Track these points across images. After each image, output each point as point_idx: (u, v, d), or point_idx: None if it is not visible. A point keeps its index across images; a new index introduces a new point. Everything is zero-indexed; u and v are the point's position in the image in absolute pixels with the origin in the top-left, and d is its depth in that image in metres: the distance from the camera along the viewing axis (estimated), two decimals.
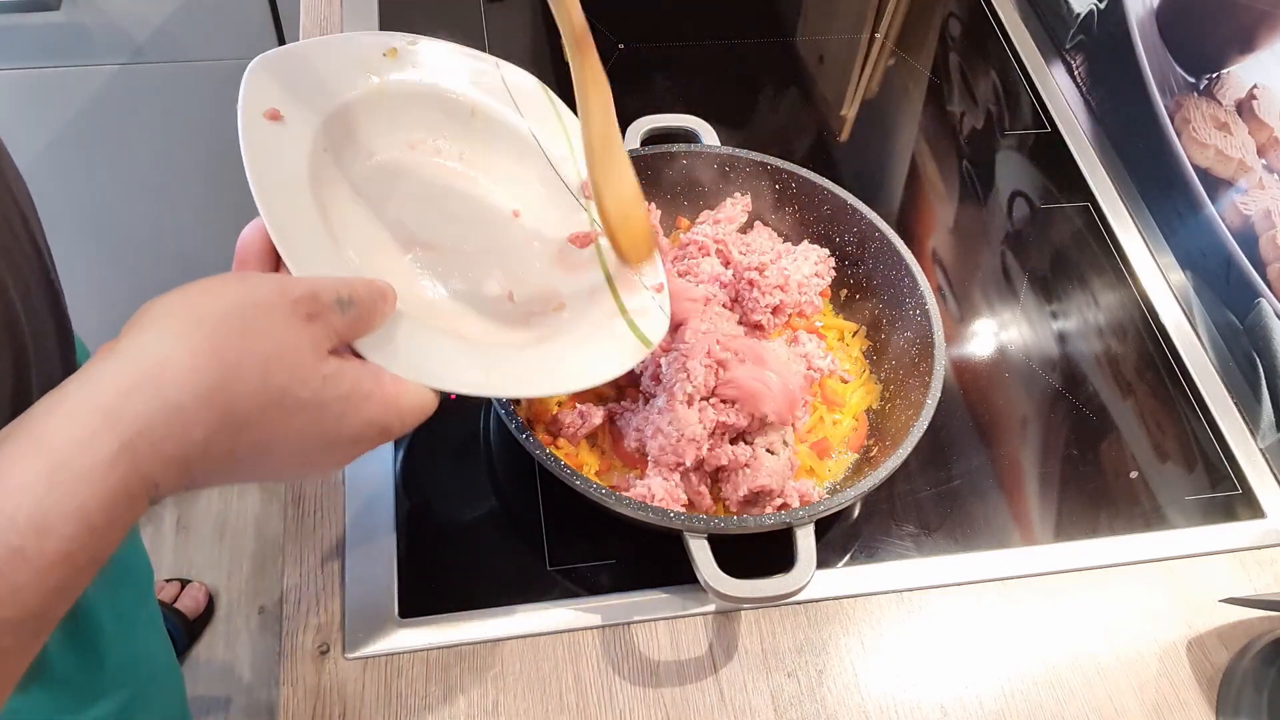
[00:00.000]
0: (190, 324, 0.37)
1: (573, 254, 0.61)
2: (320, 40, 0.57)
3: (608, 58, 0.99)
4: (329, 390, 0.39)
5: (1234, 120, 0.81)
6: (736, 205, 0.79)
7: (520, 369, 0.51)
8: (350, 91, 0.55)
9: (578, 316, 0.57)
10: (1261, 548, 0.73)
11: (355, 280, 0.42)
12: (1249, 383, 0.80)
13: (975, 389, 0.80)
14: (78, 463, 0.33)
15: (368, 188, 0.55)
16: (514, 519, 0.68)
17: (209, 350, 0.36)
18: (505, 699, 0.61)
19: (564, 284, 0.60)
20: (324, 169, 0.51)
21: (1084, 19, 0.98)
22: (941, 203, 0.93)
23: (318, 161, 0.51)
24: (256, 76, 0.50)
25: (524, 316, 0.56)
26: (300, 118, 0.51)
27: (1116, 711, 0.64)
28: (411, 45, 0.60)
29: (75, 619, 0.36)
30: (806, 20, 1.09)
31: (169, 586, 1.47)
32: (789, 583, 0.58)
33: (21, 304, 0.51)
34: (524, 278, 0.59)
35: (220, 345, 0.37)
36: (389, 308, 0.44)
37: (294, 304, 0.39)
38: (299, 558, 0.65)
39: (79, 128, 1.25)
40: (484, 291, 0.56)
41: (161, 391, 0.35)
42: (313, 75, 0.53)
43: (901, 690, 0.64)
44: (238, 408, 0.37)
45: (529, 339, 0.54)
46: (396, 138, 0.58)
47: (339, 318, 0.41)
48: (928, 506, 0.72)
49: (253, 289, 0.39)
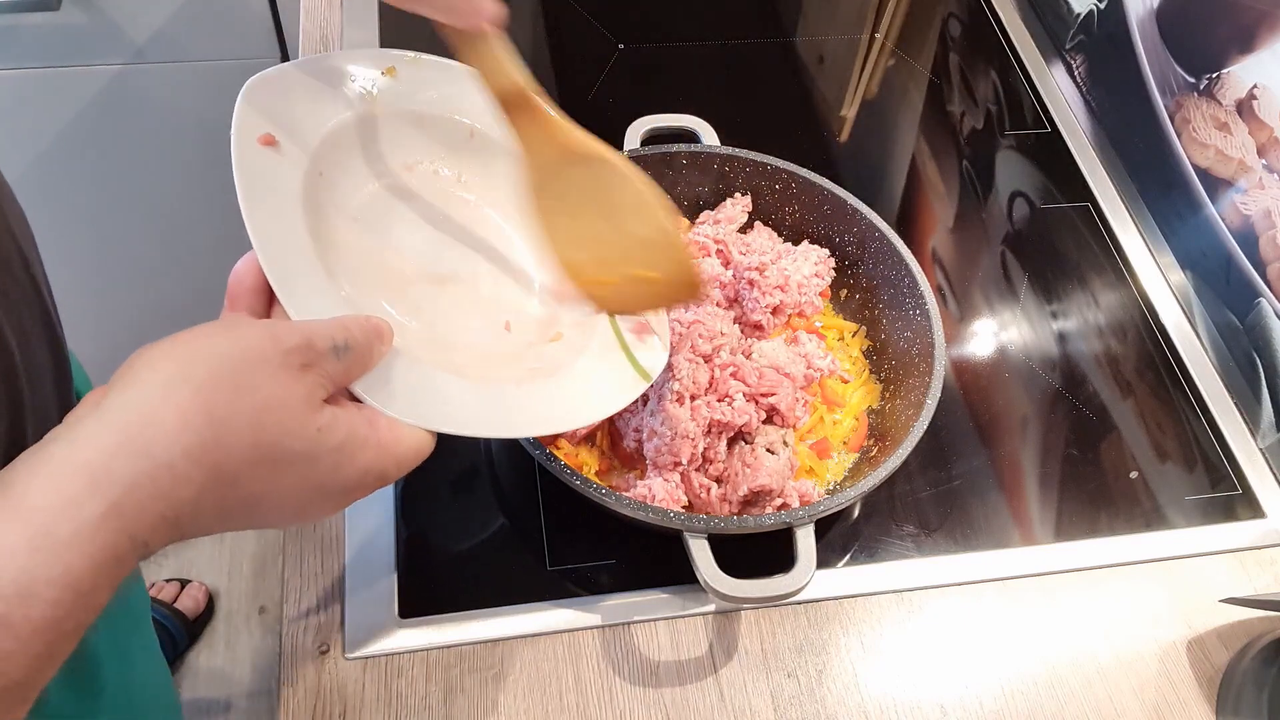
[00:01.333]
0: (178, 379, 0.36)
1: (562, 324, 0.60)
2: (316, 58, 0.55)
3: (608, 58, 0.99)
4: (323, 442, 0.38)
5: (1234, 120, 0.81)
6: (736, 205, 0.79)
7: (517, 408, 0.50)
8: (347, 112, 0.54)
9: (575, 349, 0.56)
10: (1261, 548, 0.73)
11: (350, 323, 0.41)
12: (1249, 383, 0.80)
13: (975, 389, 0.80)
14: (63, 527, 0.32)
15: (365, 214, 0.54)
16: (514, 519, 0.68)
17: (198, 407, 0.35)
18: (505, 699, 0.61)
19: (561, 312, 0.59)
20: (320, 197, 0.50)
21: (1084, 19, 0.98)
22: (941, 203, 0.93)
23: (313, 189, 0.50)
24: (250, 100, 0.49)
25: (522, 348, 0.55)
26: (295, 143, 0.50)
27: (1116, 711, 0.64)
28: (412, 63, 0.58)
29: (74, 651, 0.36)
30: (806, 20, 1.09)
31: (169, 587, 1.47)
32: (789, 583, 0.58)
33: (19, 351, 0.50)
34: (521, 306, 0.58)
35: (210, 401, 0.35)
36: (385, 346, 0.43)
37: (287, 354, 0.38)
38: (299, 558, 0.65)
39: (78, 128, 1.25)
40: (482, 322, 0.55)
41: (149, 450, 0.34)
42: (309, 96, 0.52)
43: (901, 690, 0.64)
44: (228, 464, 0.36)
45: (526, 374, 0.53)
46: (394, 161, 0.57)
47: (334, 364, 0.40)
48: (928, 506, 0.72)
49: (243, 340, 0.38)
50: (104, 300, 1.46)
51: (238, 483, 0.36)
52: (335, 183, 0.53)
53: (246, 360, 0.37)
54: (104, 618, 0.37)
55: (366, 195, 0.55)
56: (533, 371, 0.54)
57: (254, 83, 0.49)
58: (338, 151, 0.53)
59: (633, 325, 0.59)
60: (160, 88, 1.22)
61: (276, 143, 0.49)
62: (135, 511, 0.34)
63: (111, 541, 0.33)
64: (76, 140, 1.26)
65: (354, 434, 0.40)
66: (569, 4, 1.04)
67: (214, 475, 0.35)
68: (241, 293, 0.44)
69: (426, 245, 0.56)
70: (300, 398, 0.38)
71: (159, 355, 0.37)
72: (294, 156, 0.49)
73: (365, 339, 0.42)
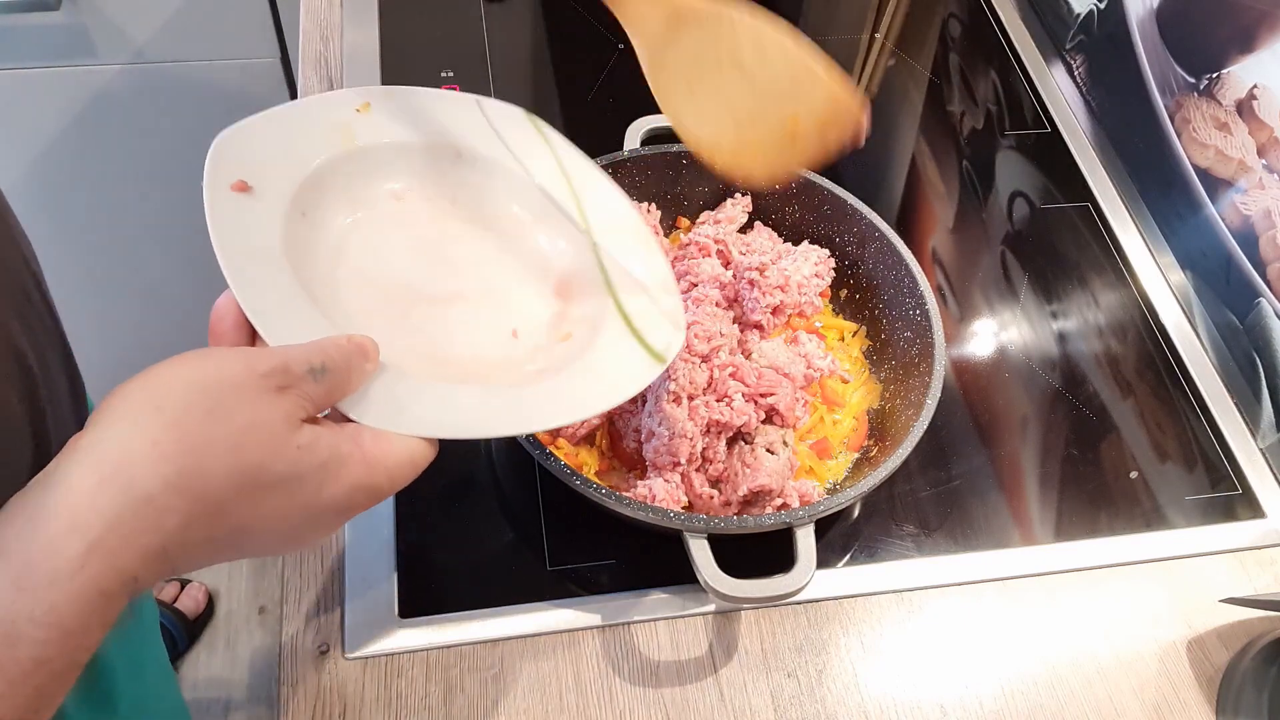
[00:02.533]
0: (149, 411, 0.35)
1: (575, 280, 0.59)
2: (288, 106, 0.55)
3: (608, 58, 0.99)
4: (305, 461, 0.37)
5: (1234, 120, 0.81)
6: (737, 205, 0.79)
7: (520, 406, 0.49)
8: (326, 152, 0.54)
9: (586, 343, 0.55)
10: (1261, 548, 0.73)
11: (328, 343, 0.41)
12: (1249, 383, 0.80)
13: (975, 389, 0.80)
14: (44, 566, 0.32)
15: (356, 248, 0.53)
16: (514, 519, 0.68)
17: (172, 436, 0.35)
18: (505, 699, 0.61)
19: (569, 310, 0.58)
20: (302, 234, 0.50)
21: (1084, 19, 0.98)
22: (941, 203, 0.93)
23: (294, 228, 0.49)
24: (222, 150, 0.48)
25: (530, 352, 0.55)
26: (271, 186, 0.49)
27: (1116, 711, 0.64)
28: (384, 96, 0.58)
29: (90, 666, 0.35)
30: (806, 20, 1.09)
31: (169, 587, 1.47)
32: (789, 583, 0.58)
33: (40, 372, 0.50)
34: (529, 312, 0.57)
35: (184, 429, 0.35)
36: (371, 365, 0.42)
37: (262, 378, 0.37)
38: (299, 558, 0.65)
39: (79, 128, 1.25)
40: (488, 335, 0.55)
41: (129, 485, 0.34)
42: (283, 141, 0.52)
43: (901, 690, 0.64)
44: (210, 492, 0.35)
45: (533, 375, 0.53)
46: (380, 191, 0.56)
47: (313, 386, 0.39)
48: (928, 506, 0.72)
49: (217, 367, 0.37)
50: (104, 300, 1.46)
51: (223, 510, 0.36)
52: (321, 222, 0.52)
53: (220, 386, 0.36)
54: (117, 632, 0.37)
55: (356, 228, 0.54)
56: (541, 372, 0.53)
57: (225, 135, 0.49)
58: (319, 191, 0.52)
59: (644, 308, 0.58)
60: (160, 88, 1.22)
61: (250, 188, 0.48)
62: (119, 547, 0.33)
63: (96, 578, 0.33)
64: (76, 140, 1.26)
65: (337, 451, 0.39)
66: (569, 4, 1.04)
67: (197, 504, 0.35)
68: (223, 330, 0.43)
69: (424, 268, 0.55)
70: (278, 419, 0.37)
71: (132, 389, 0.36)
72: (271, 199, 0.49)
73: (345, 359, 0.41)
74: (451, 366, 0.51)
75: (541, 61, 0.99)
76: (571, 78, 0.98)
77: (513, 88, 0.96)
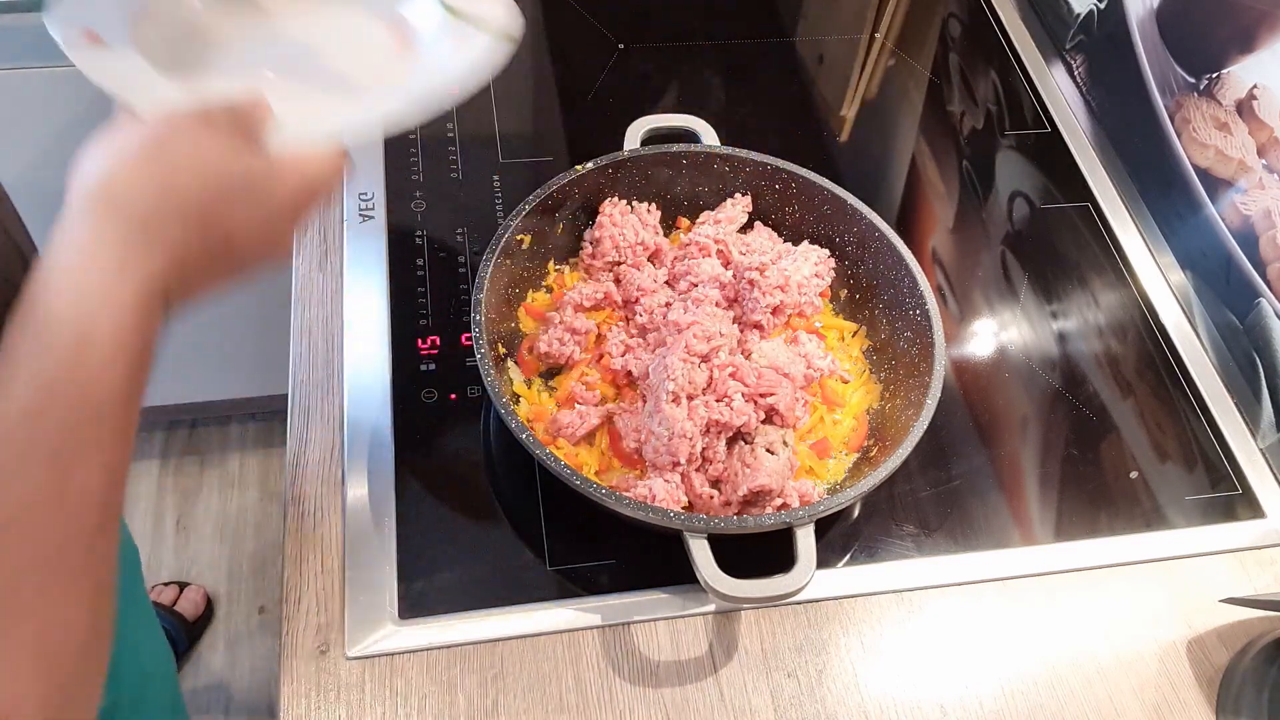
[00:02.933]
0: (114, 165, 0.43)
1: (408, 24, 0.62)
2: None
3: (608, 58, 0.99)
4: (255, 166, 0.46)
5: (1234, 120, 0.81)
6: (736, 205, 0.79)
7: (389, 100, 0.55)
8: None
9: (426, 49, 0.60)
10: (1261, 548, 0.73)
11: (228, 96, 0.49)
12: (1249, 383, 0.80)
13: (975, 389, 0.80)
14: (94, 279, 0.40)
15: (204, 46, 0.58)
16: (514, 519, 0.68)
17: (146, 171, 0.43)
18: (505, 699, 0.61)
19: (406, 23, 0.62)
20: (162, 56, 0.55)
21: (1084, 19, 0.98)
22: (941, 203, 0.93)
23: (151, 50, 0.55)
24: (56, 13, 0.53)
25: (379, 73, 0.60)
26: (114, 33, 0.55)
27: (1116, 711, 0.64)
28: None
29: None
30: (806, 20, 1.09)
31: (168, 590, 1.47)
32: (789, 583, 0.58)
33: None
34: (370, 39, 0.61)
35: (151, 167, 0.43)
36: (266, 109, 0.50)
37: (194, 119, 0.45)
38: (299, 558, 0.65)
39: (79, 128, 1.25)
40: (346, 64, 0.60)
41: (123, 213, 0.42)
42: None
43: (901, 690, 0.64)
44: (192, 201, 0.43)
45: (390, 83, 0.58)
46: None
47: (233, 117, 0.47)
48: (928, 506, 0.72)
49: (154, 124, 0.45)
50: None
51: (206, 219, 0.44)
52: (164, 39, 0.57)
53: (160, 134, 0.44)
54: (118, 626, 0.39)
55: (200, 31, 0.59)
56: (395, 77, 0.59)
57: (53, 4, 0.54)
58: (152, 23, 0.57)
59: None
60: None
61: (102, 40, 0.54)
62: (143, 258, 0.41)
63: (138, 282, 0.41)
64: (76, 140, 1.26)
65: (269, 161, 0.47)
66: (569, 4, 1.04)
67: (189, 214, 0.43)
68: None
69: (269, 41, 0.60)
70: (221, 142, 0.45)
71: (86, 161, 0.44)
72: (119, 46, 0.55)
73: (247, 100, 0.49)
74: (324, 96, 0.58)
75: (542, 61, 0.99)
76: (572, 78, 0.98)
77: (512, 88, 0.96)
